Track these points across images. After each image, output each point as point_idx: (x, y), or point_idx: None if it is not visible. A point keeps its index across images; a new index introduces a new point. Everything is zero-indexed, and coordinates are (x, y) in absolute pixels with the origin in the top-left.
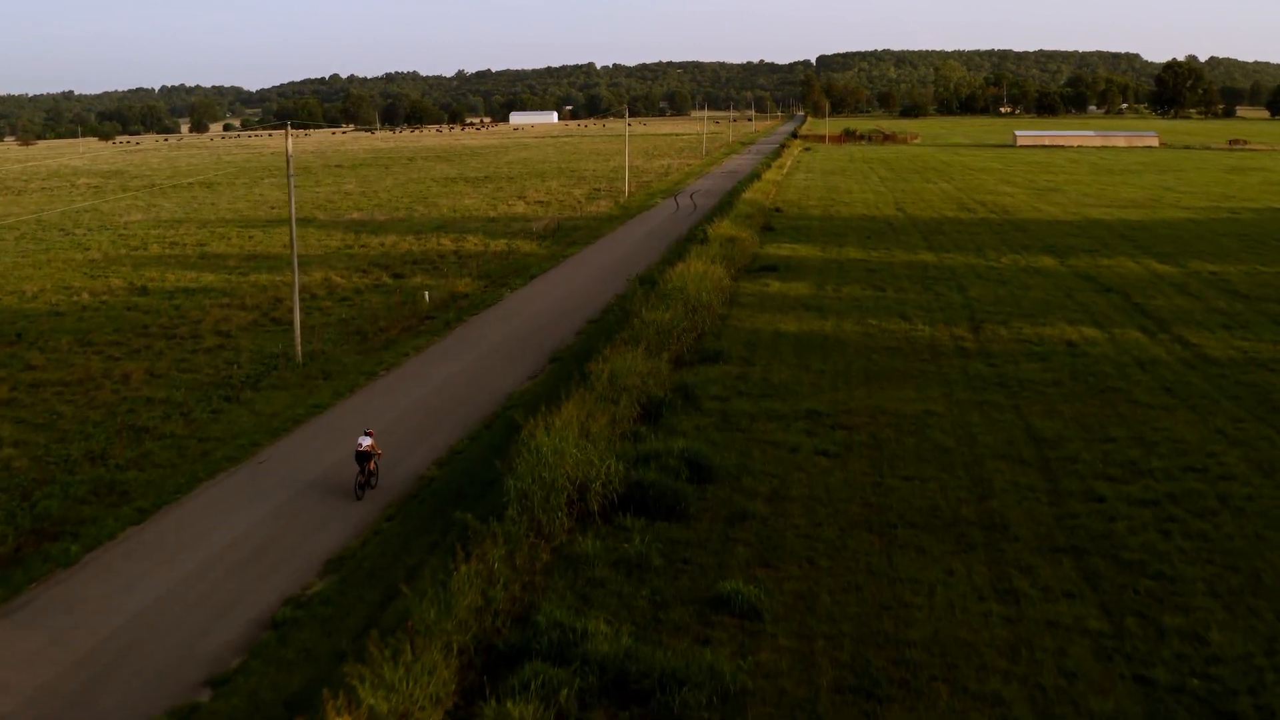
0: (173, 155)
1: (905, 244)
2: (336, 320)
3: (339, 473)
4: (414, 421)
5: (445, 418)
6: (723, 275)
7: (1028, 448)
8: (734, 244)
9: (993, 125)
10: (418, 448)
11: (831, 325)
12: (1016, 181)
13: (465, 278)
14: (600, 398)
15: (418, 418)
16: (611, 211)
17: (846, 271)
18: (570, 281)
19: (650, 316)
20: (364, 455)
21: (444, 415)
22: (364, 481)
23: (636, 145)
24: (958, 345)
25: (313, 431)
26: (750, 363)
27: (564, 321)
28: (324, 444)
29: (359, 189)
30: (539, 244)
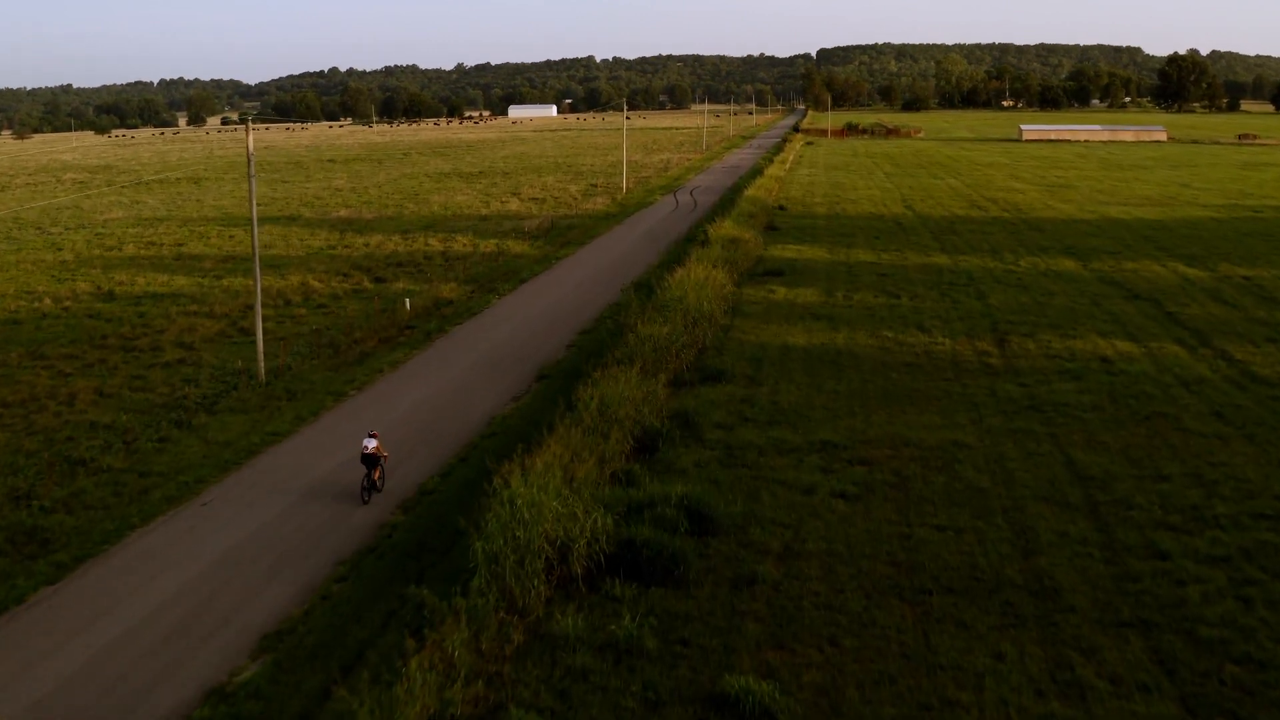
0: (165, 149)
1: (917, 245)
2: (309, 331)
3: (289, 518)
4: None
5: (416, 449)
6: (725, 281)
7: (1072, 488)
8: (736, 246)
9: (996, 119)
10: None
11: (844, 338)
12: (1026, 178)
13: (451, 282)
14: (588, 430)
15: (386, 449)
16: (608, 209)
17: (857, 276)
18: (562, 286)
19: (646, 331)
20: (370, 458)
21: (415, 446)
22: (369, 485)
23: (636, 139)
24: (982, 361)
25: (266, 466)
26: (756, 382)
27: (553, 332)
28: (276, 481)
29: (350, 185)
30: (531, 245)
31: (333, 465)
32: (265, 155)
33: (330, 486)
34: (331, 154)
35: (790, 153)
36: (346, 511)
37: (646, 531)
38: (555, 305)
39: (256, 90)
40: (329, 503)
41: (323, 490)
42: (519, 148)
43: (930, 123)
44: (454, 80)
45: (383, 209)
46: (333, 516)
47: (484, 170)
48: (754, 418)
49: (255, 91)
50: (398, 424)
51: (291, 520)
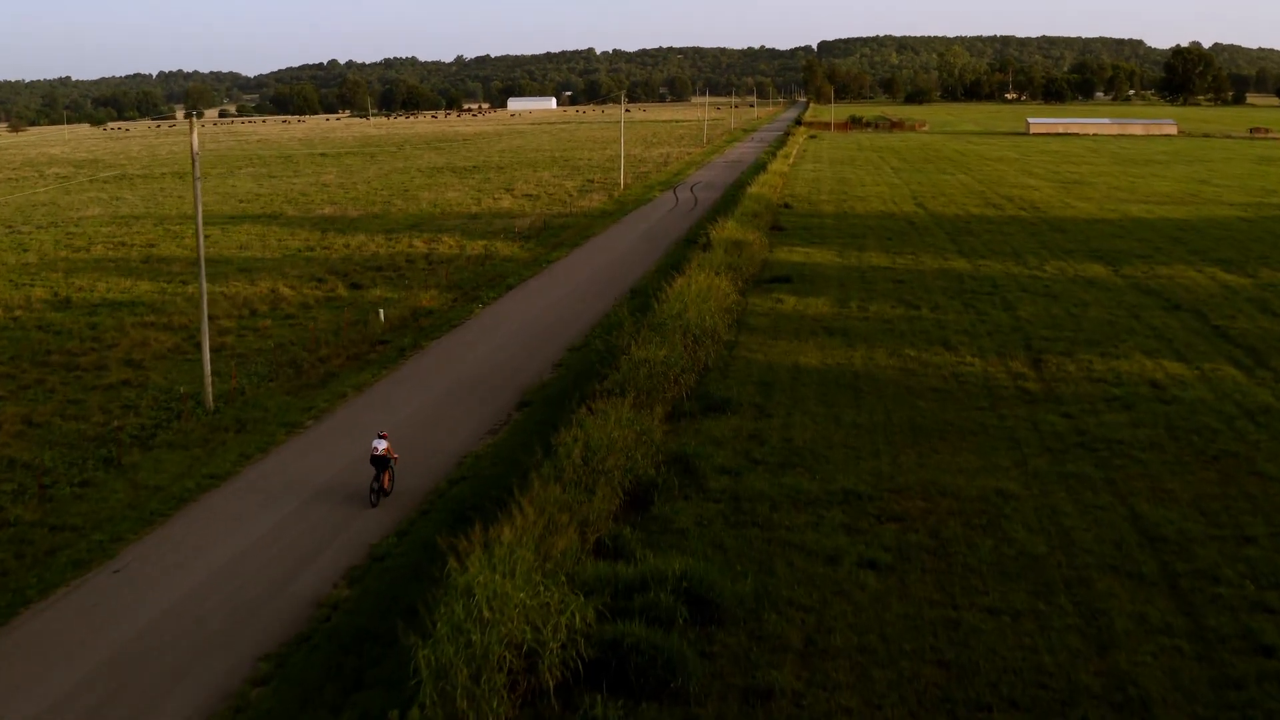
0: (156, 143)
1: (932, 247)
2: (272, 346)
3: (214, 589)
4: (327, 507)
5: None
6: (728, 290)
7: (1143, 554)
8: (740, 249)
9: (1000, 112)
10: (323, 552)
11: (861, 357)
12: (1039, 173)
13: (432, 289)
14: (570, 484)
15: (334, 501)
16: (605, 207)
17: (871, 283)
18: (551, 295)
19: (640, 355)
20: (380, 460)
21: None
22: (379, 489)
23: (635, 133)
24: (1018, 386)
25: (197, 519)
26: (766, 412)
27: (539, 349)
28: (205, 539)
29: (339, 180)
30: (521, 246)
31: (276, 519)
32: (257, 149)
33: (269, 546)
34: (324, 147)
35: (793, 147)
36: (283, 580)
37: (636, 628)
38: (543, 316)
39: (255, 82)
40: (264, 568)
41: (260, 552)
42: (515, 141)
43: (934, 116)
44: (453, 73)
45: (369, 206)
46: (267, 588)
47: (478, 165)
48: (764, 459)
49: (254, 84)
50: (356, 464)
51: (217, 592)
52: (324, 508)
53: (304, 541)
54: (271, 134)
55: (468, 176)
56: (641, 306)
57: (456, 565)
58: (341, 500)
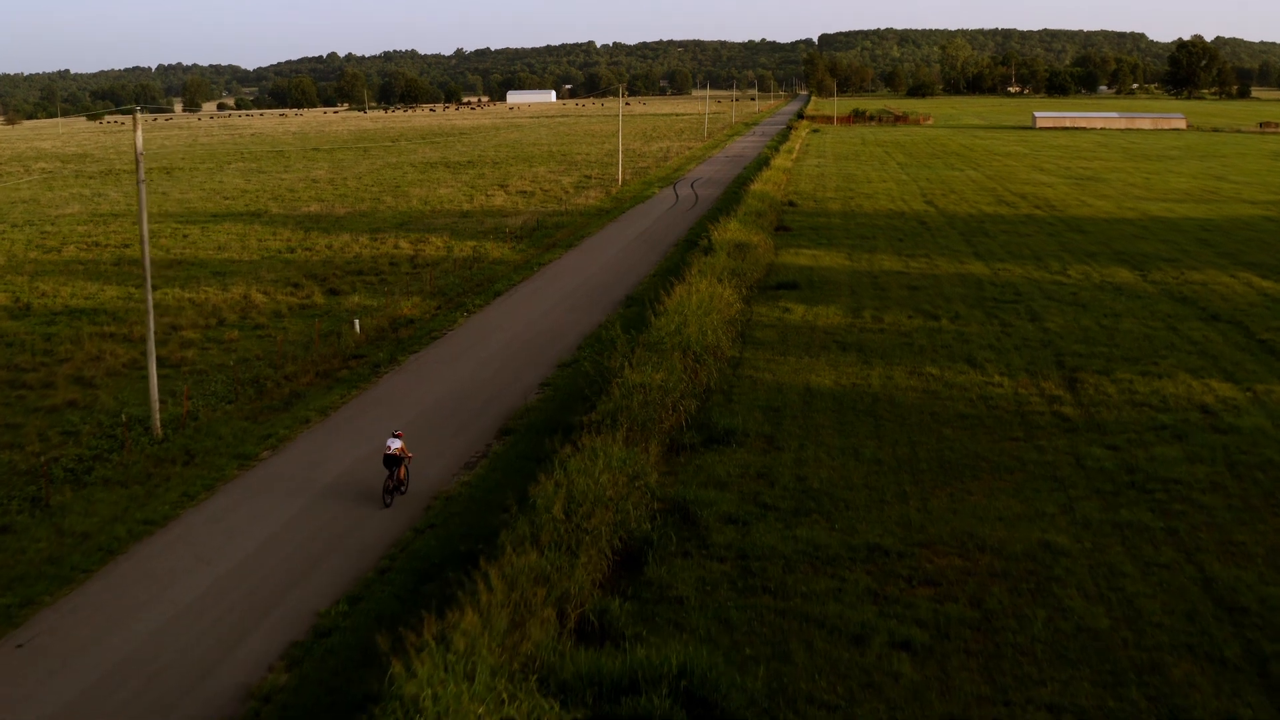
0: (150, 136)
1: (946, 249)
2: (235, 362)
3: (130, 672)
4: (273, 562)
5: (323, 557)
6: (732, 299)
7: (1222, 629)
8: (744, 252)
9: (1004, 105)
10: (261, 624)
11: (879, 376)
12: (1050, 169)
13: (415, 296)
14: (549, 547)
15: (280, 555)
16: (601, 204)
17: (884, 289)
18: (541, 302)
19: (635, 379)
20: (393, 459)
21: (320, 553)
22: (393, 487)
23: (635, 126)
24: (1054, 411)
25: (124, 575)
26: (776, 445)
27: (525, 366)
28: (132, 603)
29: (329, 175)
30: (512, 247)
31: (211, 579)
32: (249, 143)
33: (199, 615)
34: (317, 141)
35: (796, 141)
36: (209, 663)
37: None
38: (531, 327)
39: (255, 75)
40: (190, 646)
41: (187, 624)
42: (512, 135)
43: (938, 109)
44: (453, 66)
45: (358, 203)
46: (190, 674)
47: (473, 160)
48: (775, 504)
49: (254, 77)
50: (310, 509)
51: (133, 677)
52: (269, 564)
53: (240, 610)
54: (266, 128)
55: (461, 172)
56: (637, 317)
57: (402, 672)
58: (288, 555)
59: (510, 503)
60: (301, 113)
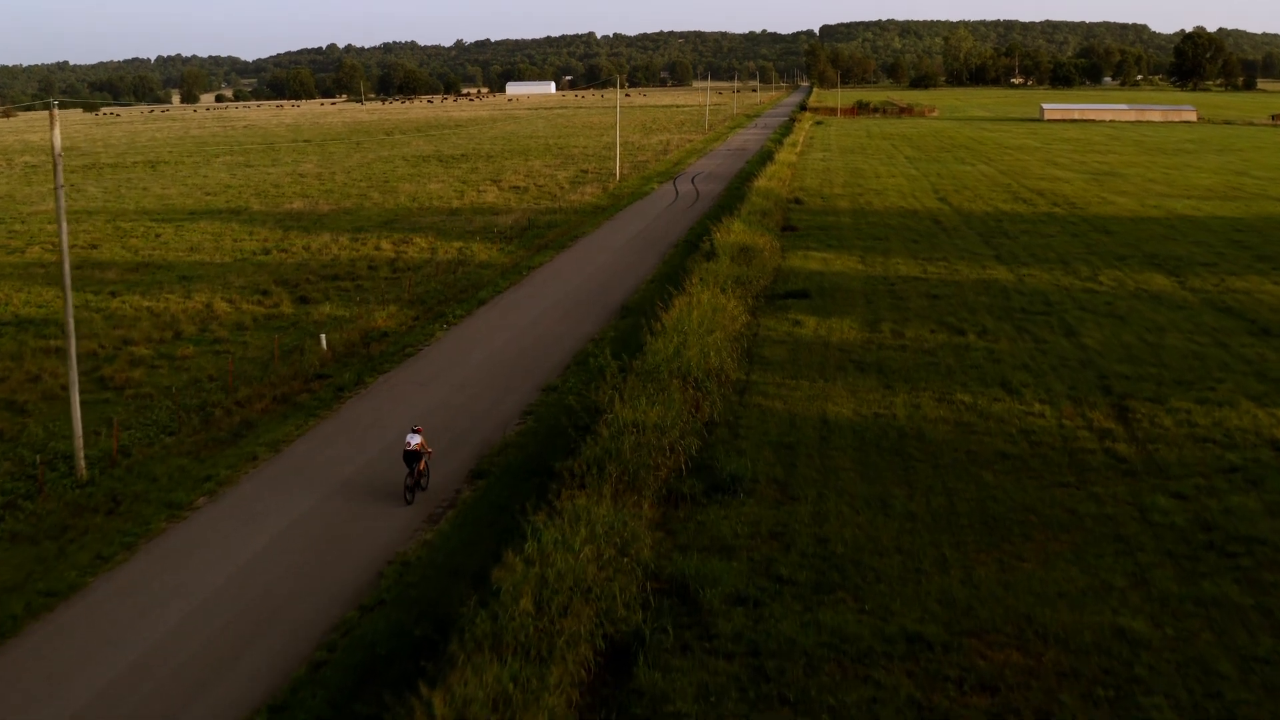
0: (142, 129)
1: (965, 252)
2: (183, 385)
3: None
4: (187, 652)
5: (255, 635)
6: (737, 311)
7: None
8: (749, 256)
9: (1010, 97)
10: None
11: (905, 405)
12: (1064, 163)
13: (392, 304)
14: (516, 651)
15: (199, 639)
16: (598, 201)
17: (902, 298)
18: (528, 312)
19: (627, 415)
20: (413, 455)
21: (259, 625)
22: (413, 484)
23: (634, 118)
24: (1107, 449)
25: (13, 664)
26: (790, 493)
27: (506, 390)
28: (22, 699)
29: (317, 169)
30: (501, 249)
31: (126, 663)
32: (241, 136)
33: (103, 715)
34: (310, 134)
35: (800, 134)
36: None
37: None
38: (515, 342)
39: (254, 67)
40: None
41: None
42: (509, 127)
43: (942, 101)
44: (453, 57)
45: (343, 199)
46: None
47: (466, 153)
48: (792, 576)
49: (253, 68)
50: (241, 577)
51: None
52: (185, 650)
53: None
54: (261, 119)
55: (454, 166)
56: (632, 332)
57: None
58: (209, 640)
59: (470, 600)
60: (298, 104)
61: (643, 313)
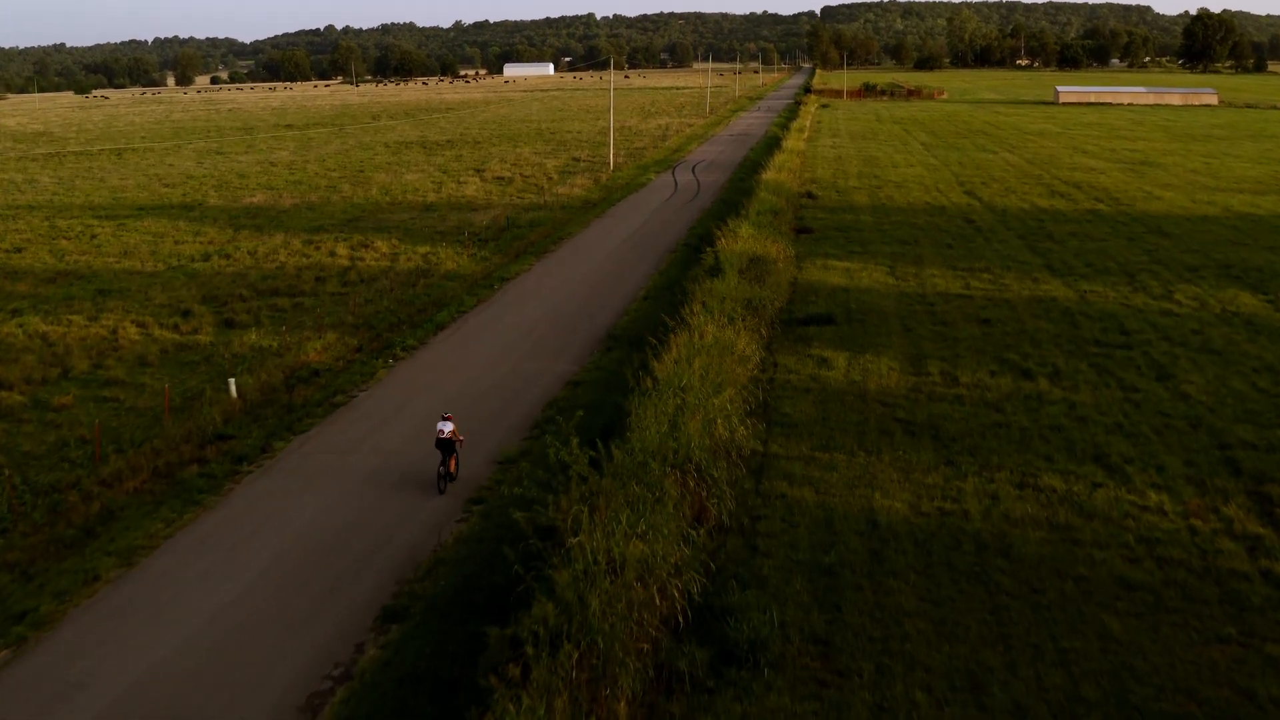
0: (125, 112)
1: (1009, 259)
2: (46, 450)
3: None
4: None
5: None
6: (749, 349)
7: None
8: (760, 269)
9: (1018, 79)
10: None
11: (976, 494)
12: (1093, 151)
13: (332, 331)
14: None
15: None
16: (588, 194)
17: (947, 324)
18: (493, 342)
19: (598, 548)
20: (446, 443)
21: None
22: (445, 474)
23: (632, 101)
24: (1263, 571)
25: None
26: (836, 665)
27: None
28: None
29: (292, 157)
30: (473, 255)
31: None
32: (222, 120)
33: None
34: (295, 118)
35: (806, 118)
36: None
37: None
38: (471, 387)
39: (251, 49)
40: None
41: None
42: (502, 110)
43: (949, 83)
44: (451, 38)
45: (310, 192)
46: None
47: (453, 139)
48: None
49: (250, 50)
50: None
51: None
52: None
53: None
54: (248, 102)
55: (437, 153)
56: (617, 376)
57: None
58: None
59: None
60: (291, 87)
61: (633, 343)
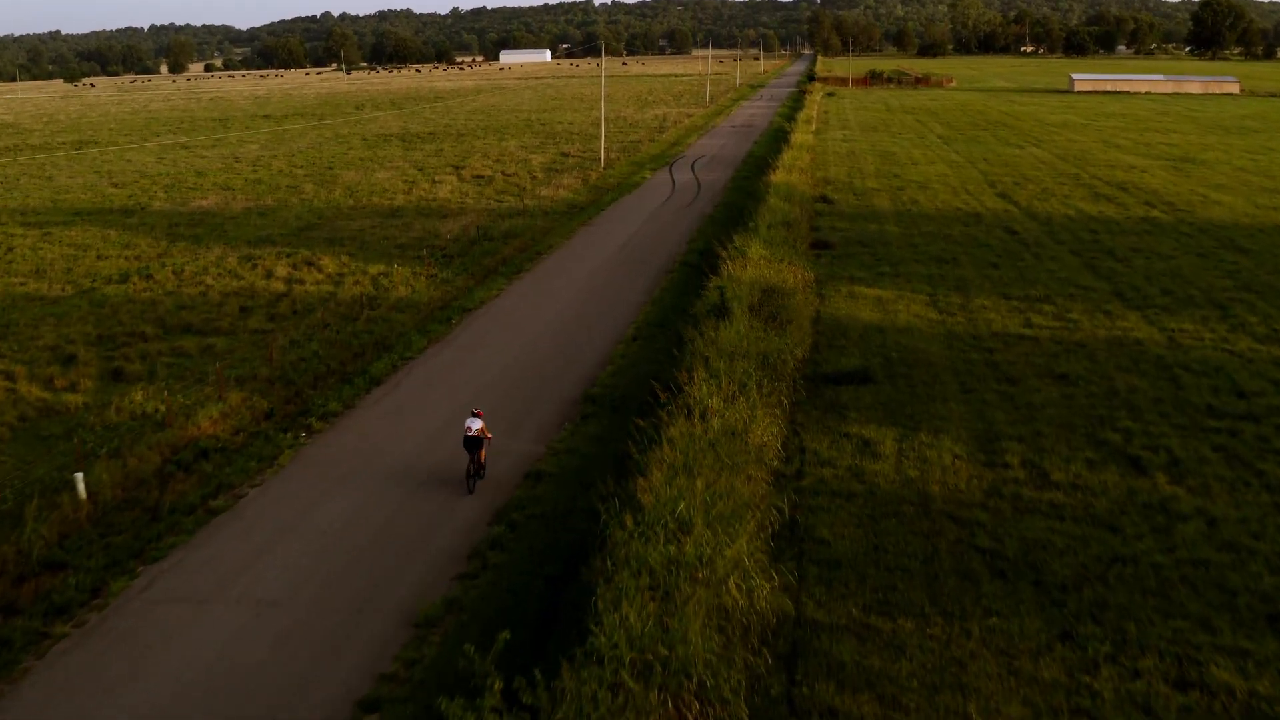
0: (104, 102)
1: (1069, 283)
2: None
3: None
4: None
5: None
6: (766, 431)
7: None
8: (775, 303)
9: (1025, 66)
10: None
11: (1117, 701)
12: (1125, 145)
13: (238, 389)
14: None
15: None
16: (575, 196)
17: (1015, 379)
18: (440, 405)
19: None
20: (473, 441)
21: None
22: (474, 471)
23: (630, 89)
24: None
25: None
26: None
27: (350, 627)
28: None
29: (260, 152)
30: (432, 277)
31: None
32: (201, 110)
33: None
34: (276, 107)
35: (812, 107)
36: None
37: None
38: (407, 477)
39: (248, 35)
40: None
41: None
42: (492, 99)
43: (955, 70)
44: (449, 25)
45: (268, 193)
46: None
47: (436, 131)
48: None
49: (246, 37)
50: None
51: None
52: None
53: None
54: (234, 91)
55: (417, 147)
56: (594, 460)
57: None
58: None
59: None
60: (282, 74)
61: (616, 408)
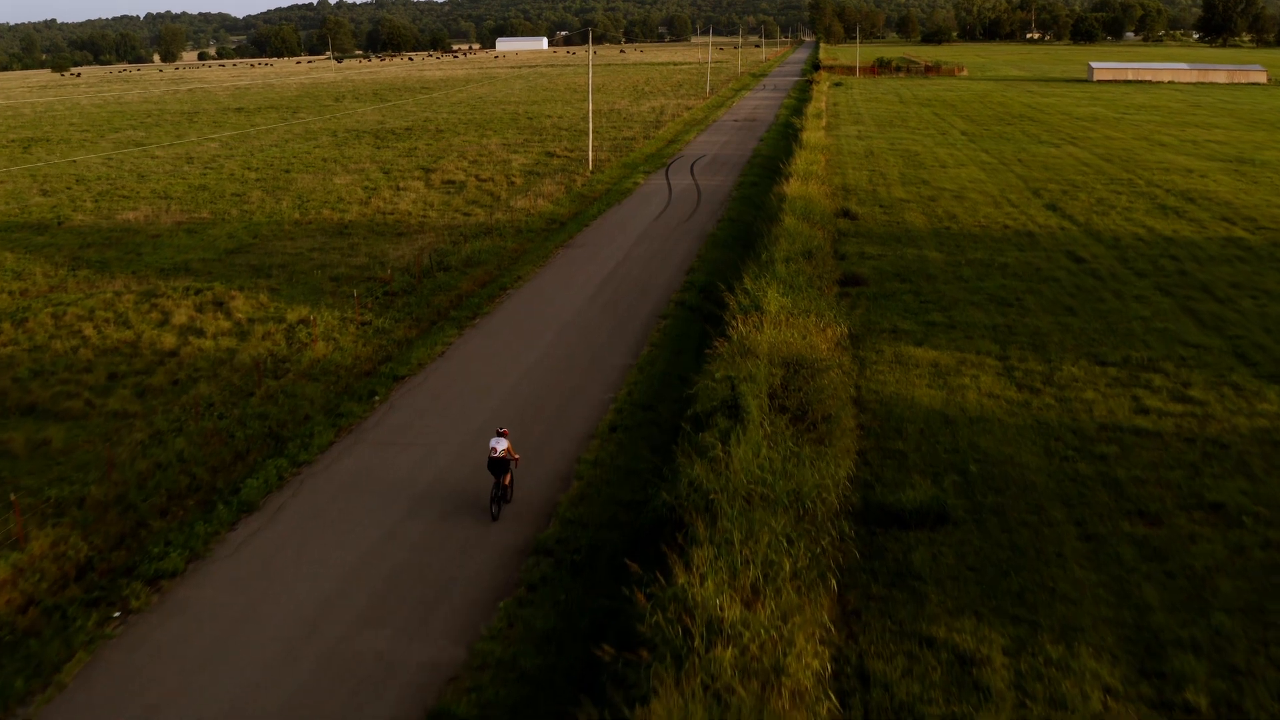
0: (79, 93)
1: (1172, 337)
2: None
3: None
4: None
5: None
6: (804, 677)
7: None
8: (804, 382)
9: (1035, 53)
10: None
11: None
12: (1170, 143)
13: (55, 522)
14: None
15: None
16: (556, 208)
17: (1157, 521)
18: (318, 562)
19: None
20: (499, 463)
21: None
22: (498, 496)
23: (626, 79)
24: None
25: None
26: None
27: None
28: None
29: (217, 151)
30: (363, 326)
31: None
32: (172, 103)
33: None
34: (251, 99)
35: (820, 99)
36: None
37: None
38: (250, 705)
39: (244, 24)
40: None
41: None
42: (481, 90)
43: (963, 57)
44: (446, 12)
45: (209, 203)
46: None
47: (413, 125)
48: None
49: (242, 25)
50: None
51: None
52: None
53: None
54: (216, 81)
55: (389, 145)
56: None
57: None
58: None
59: None
60: (270, 63)
61: (577, 570)
